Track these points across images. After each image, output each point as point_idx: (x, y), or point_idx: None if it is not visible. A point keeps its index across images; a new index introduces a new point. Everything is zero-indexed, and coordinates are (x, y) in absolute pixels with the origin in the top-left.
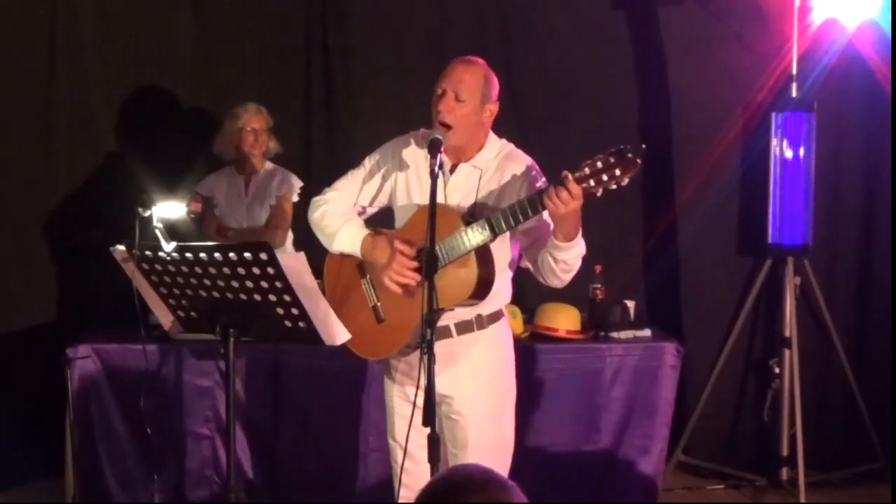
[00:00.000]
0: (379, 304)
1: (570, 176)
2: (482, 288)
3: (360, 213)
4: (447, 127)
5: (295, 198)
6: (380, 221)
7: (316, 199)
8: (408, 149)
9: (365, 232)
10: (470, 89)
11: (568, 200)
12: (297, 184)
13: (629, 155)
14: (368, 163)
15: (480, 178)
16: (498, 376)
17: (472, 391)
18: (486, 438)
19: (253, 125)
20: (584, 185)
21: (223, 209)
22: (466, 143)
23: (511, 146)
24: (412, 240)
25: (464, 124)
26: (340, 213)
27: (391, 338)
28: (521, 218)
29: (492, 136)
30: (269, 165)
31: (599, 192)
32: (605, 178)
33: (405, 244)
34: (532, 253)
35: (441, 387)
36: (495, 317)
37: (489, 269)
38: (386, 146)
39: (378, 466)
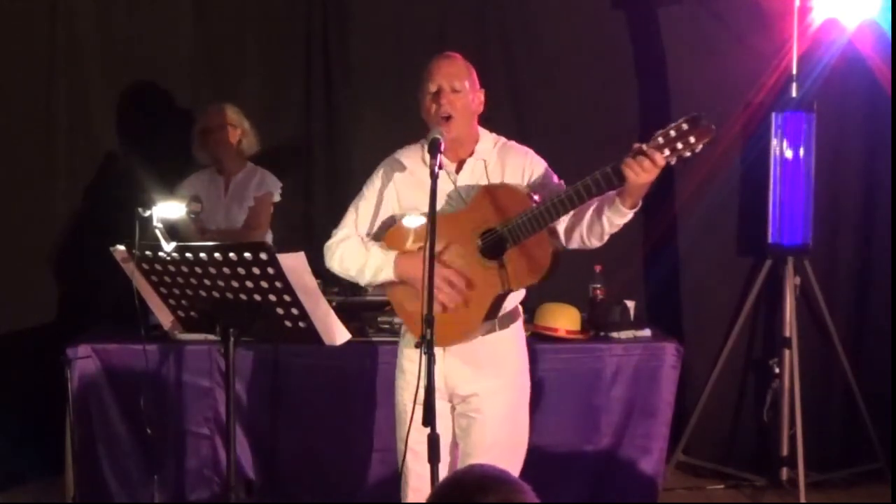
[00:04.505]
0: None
1: (646, 146)
2: (555, 266)
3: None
4: (449, 118)
5: (276, 197)
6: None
7: (328, 244)
8: (408, 161)
9: (392, 253)
10: (461, 79)
11: (650, 168)
12: (277, 184)
13: (704, 122)
14: (369, 192)
15: (487, 168)
16: (518, 375)
17: (495, 390)
18: (503, 436)
19: (209, 124)
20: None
21: (205, 210)
22: (466, 135)
23: (503, 138)
24: (477, 224)
25: (462, 114)
26: (358, 247)
27: (462, 325)
28: (595, 190)
29: (481, 129)
30: (249, 166)
31: (674, 161)
32: (679, 146)
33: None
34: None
35: (464, 386)
36: (515, 315)
37: (558, 247)
38: (381, 169)
39: (378, 466)
